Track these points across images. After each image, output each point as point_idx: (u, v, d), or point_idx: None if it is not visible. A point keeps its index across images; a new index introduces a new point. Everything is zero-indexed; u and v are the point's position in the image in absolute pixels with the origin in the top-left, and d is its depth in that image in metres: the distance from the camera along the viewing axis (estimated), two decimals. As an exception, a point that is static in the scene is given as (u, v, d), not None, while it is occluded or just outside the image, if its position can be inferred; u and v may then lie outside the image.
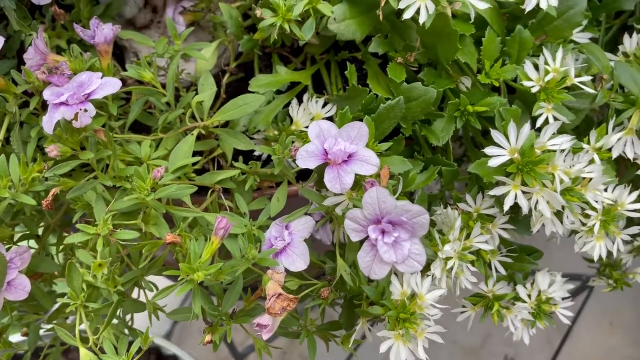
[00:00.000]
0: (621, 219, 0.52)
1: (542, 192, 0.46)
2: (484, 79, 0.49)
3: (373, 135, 0.47)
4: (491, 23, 0.49)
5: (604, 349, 1.62)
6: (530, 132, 0.45)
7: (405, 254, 0.37)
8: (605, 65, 0.52)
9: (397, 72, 0.48)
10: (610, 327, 1.63)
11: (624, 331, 1.60)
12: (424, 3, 0.42)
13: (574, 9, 0.49)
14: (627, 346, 1.58)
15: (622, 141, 0.51)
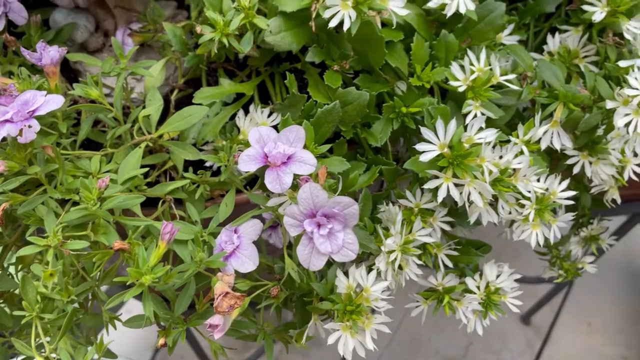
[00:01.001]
0: (554, 207, 0.55)
1: (473, 183, 0.49)
2: (416, 82, 0.53)
3: (312, 138, 0.49)
4: (418, 29, 0.52)
5: (584, 349, 1.65)
6: (457, 127, 0.48)
7: (340, 243, 0.40)
8: (528, 64, 0.55)
9: (333, 79, 0.51)
10: (589, 327, 1.66)
11: (602, 330, 1.63)
12: (346, 11, 0.45)
13: (493, 13, 0.53)
14: (606, 345, 1.61)
15: (549, 133, 0.54)
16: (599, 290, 1.69)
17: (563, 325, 1.68)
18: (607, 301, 1.65)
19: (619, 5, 0.53)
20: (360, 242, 0.51)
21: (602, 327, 1.62)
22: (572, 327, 1.68)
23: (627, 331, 1.60)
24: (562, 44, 0.59)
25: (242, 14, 0.49)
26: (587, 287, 1.69)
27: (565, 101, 0.53)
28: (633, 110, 0.48)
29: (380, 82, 0.54)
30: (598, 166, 0.57)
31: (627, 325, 1.63)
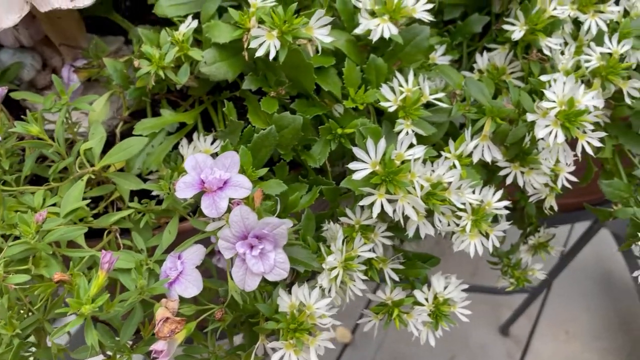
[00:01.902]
0: (490, 216, 0.58)
1: (406, 198, 0.51)
2: (349, 104, 0.55)
3: (250, 162, 0.51)
4: (348, 54, 0.55)
5: (563, 357, 1.67)
6: (386, 145, 0.50)
7: (272, 263, 0.41)
8: (457, 82, 0.58)
9: (270, 105, 0.53)
10: (567, 335, 1.68)
11: (580, 338, 1.66)
12: (271, 41, 0.47)
13: (419, 36, 0.56)
14: (585, 352, 1.63)
15: (479, 147, 0.57)
16: (573, 297, 1.72)
17: (541, 335, 1.70)
18: (583, 308, 1.68)
19: (537, 23, 0.57)
20: (303, 260, 0.53)
21: (580, 334, 1.64)
22: (550, 336, 1.70)
23: (604, 337, 1.62)
24: (490, 61, 0.63)
25: (176, 47, 0.51)
26: (562, 295, 1.72)
27: (493, 116, 0.56)
28: (552, 121, 0.51)
29: (317, 105, 0.56)
30: (530, 176, 0.59)
31: (603, 330, 1.66)
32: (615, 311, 1.68)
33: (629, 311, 1.67)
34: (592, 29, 0.58)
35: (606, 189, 0.62)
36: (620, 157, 0.65)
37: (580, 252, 1.30)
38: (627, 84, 0.56)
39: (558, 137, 0.51)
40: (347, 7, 0.55)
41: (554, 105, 0.50)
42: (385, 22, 0.53)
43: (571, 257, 1.35)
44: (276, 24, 0.47)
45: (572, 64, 0.56)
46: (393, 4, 0.53)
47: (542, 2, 0.57)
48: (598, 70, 0.56)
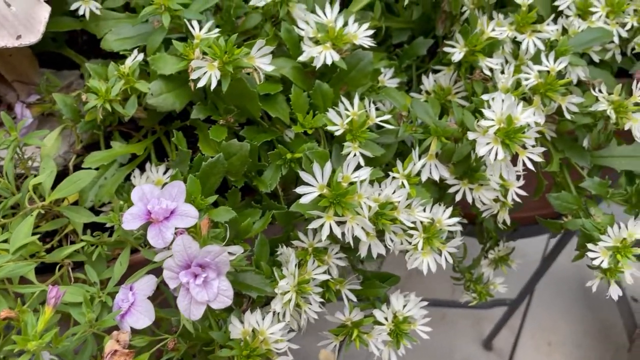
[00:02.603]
0: (442, 233, 0.59)
1: (355, 219, 0.52)
2: (298, 129, 0.56)
3: (199, 190, 0.52)
4: (295, 81, 0.56)
5: (549, 369, 1.66)
6: (335, 168, 0.51)
7: (215, 291, 0.42)
8: (402, 104, 0.60)
9: (218, 133, 0.54)
10: (549, 346, 1.69)
11: (562, 348, 1.67)
12: (212, 72, 0.48)
13: (363, 61, 0.57)
14: (568, 363, 1.64)
15: (427, 166, 0.58)
16: (554, 307, 1.73)
17: (524, 347, 1.70)
18: (564, 318, 1.69)
19: (476, 45, 0.58)
20: (256, 286, 0.53)
21: (562, 345, 1.65)
22: (533, 348, 1.71)
23: (585, 345, 1.63)
24: (436, 82, 0.64)
25: (123, 80, 0.52)
26: (543, 306, 1.73)
27: (438, 135, 0.57)
28: (492, 139, 0.53)
29: (266, 131, 0.57)
30: (480, 192, 0.60)
31: (584, 339, 1.67)
32: (595, 320, 1.69)
33: (608, 319, 1.69)
34: (530, 48, 0.60)
35: (554, 201, 0.63)
36: (569, 170, 0.67)
37: (559, 263, 1.32)
38: (566, 99, 0.58)
39: (498, 154, 0.52)
40: (291, 35, 0.56)
41: (492, 124, 0.52)
42: (327, 49, 0.54)
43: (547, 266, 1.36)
44: (217, 54, 0.48)
45: (512, 83, 0.58)
46: (335, 32, 0.55)
47: (481, 24, 0.59)
48: (537, 88, 0.58)
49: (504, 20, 0.61)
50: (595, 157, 0.65)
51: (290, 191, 0.63)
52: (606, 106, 0.58)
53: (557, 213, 0.84)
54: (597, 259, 0.58)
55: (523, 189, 0.69)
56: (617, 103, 0.58)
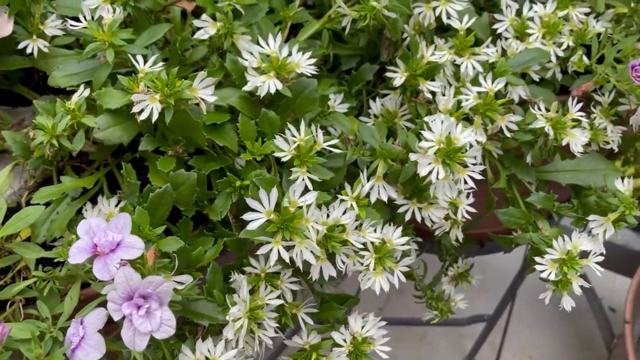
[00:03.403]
0: (393, 253, 0.60)
1: (303, 243, 0.53)
2: (247, 156, 0.57)
3: (147, 222, 0.52)
4: (242, 110, 0.58)
5: (531, 384, 1.67)
6: (278, 194, 0.52)
7: (158, 321, 0.42)
8: (349, 129, 0.61)
9: (166, 164, 0.55)
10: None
11: (544, 363, 1.67)
12: (154, 104, 0.49)
13: (308, 89, 0.59)
14: (551, 378, 1.64)
15: (375, 188, 0.60)
16: (534, 322, 1.74)
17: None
18: (544, 332, 1.70)
19: (416, 69, 0.61)
20: (208, 314, 0.53)
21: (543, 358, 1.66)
22: (514, 363, 1.71)
23: (566, 358, 1.64)
24: (384, 106, 0.66)
25: (69, 115, 0.53)
26: (523, 321, 1.75)
27: (384, 157, 0.59)
28: (433, 159, 0.54)
29: (216, 160, 0.58)
30: (429, 211, 0.62)
31: (564, 352, 1.68)
32: (574, 332, 1.71)
33: (587, 331, 1.71)
34: (469, 70, 0.62)
35: (503, 217, 0.65)
36: (518, 186, 0.69)
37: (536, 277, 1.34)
38: (505, 118, 0.60)
39: (439, 173, 0.54)
40: (237, 66, 0.58)
41: (432, 144, 0.54)
42: (271, 79, 0.56)
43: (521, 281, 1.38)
44: (159, 88, 0.49)
45: (453, 104, 0.60)
46: (278, 61, 0.57)
47: (421, 49, 0.62)
48: (477, 108, 0.60)
49: (444, 45, 0.64)
50: (541, 172, 0.67)
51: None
52: (544, 123, 0.60)
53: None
54: (544, 272, 0.60)
55: (478, 205, 0.71)
56: (555, 120, 0.61)
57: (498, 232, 0.70)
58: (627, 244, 1.57)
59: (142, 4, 0.57)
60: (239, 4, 0.59)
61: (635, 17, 0.69)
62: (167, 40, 0.63)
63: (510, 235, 0.67)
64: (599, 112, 0.66)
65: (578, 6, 0.68)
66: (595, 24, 0.68)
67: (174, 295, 0.48)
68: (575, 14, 0.67)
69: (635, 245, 1.57)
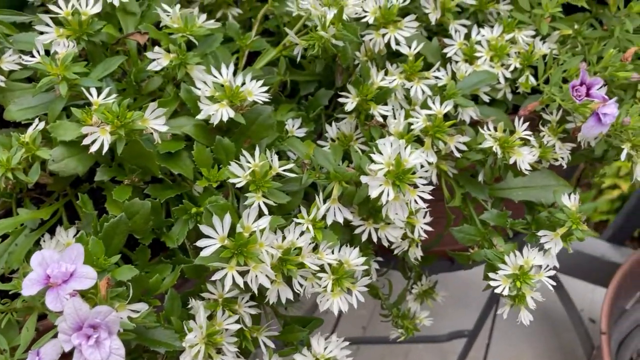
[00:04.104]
0: (351, 274, 0.61)
1: (258, 267, 0.54)
2: (203, 183, 0.58)
3: (102, 251, 0.53)
4: (197, 138, 0.59)
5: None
6: (231, 220, 0.53)
7: (107, 351, 0.42)
8: (305, 153, 0.63)
9: (122, 193, 0.56)
10: (514, 378, 1.70)
11: (528, 376, 1.68)
12: (105, 136, 0.51)
13: (262, 115, 0.60)
14: (535, 391, 1.65)
15: (331, 210, 0.61)
16: (516, 336, 1.75)
17: (490, 377, 1.71)
18: (527, 345, 1.71)
19: (367, 94, 0.63)
20: (164, 341, 0.54)
21: (527, 373, 1.66)
22: (498, 380, 1.71)
23: (549, 372, 1.65)
24: (340, 130, 0.68)
25: (24, 148, 0.54)
26: (506, 335, 1.76)
27: (338, 180, 0.60)
28: (383, 181, 0.56)
29: (173, 187, 0.59)
30: (385, 231, 0.63)
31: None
32: (557, 345, 1.72)
33: (569, 344, 1.72)
34: (418, 94, 0.64)
35: (458, 235, 0.66)
36: (474, 204, 0.71)
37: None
38: (454, 139, 0.62)
39: (390, 194, 0.55)
40: (191, 95, 0.59)
41: (381, 167, 0.55)
42: (224, 107, 0.57)
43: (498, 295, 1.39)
44: (109, 119, 0.50)
45: (404, 127, 0.62)
46: (231, 90, 0.58)
47: (372, 75, 0.64)
48: (426, 130, 0.62)
49: (394, 70, 0.66)
50: (494, 189, 0.69)
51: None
52: (492, 143, 0.62)
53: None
54: (498, 287, 0.61)
55: (440, 223, 0.73)
56: (503, 140, 0.63)
57: (459, 249, 0.72)
58: (603, 255, 1.60)
59: (96, 38, 0.59)
60: (192, 36, 0.60)
61: (580, 37, 0.72)
62: (124, 72, 0.64)
63: (467, 252, 0.68)
64: (547, 130, 0.68)
65: (524, 29, 0.71)
66: (541, 46, 0.71)
67: (128, 324, 0.49)
68: (521, 37, 0.70)
69: (612, 256, 1.60)
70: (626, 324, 1.48)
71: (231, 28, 0.69)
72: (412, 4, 0.72)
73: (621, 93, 0.74)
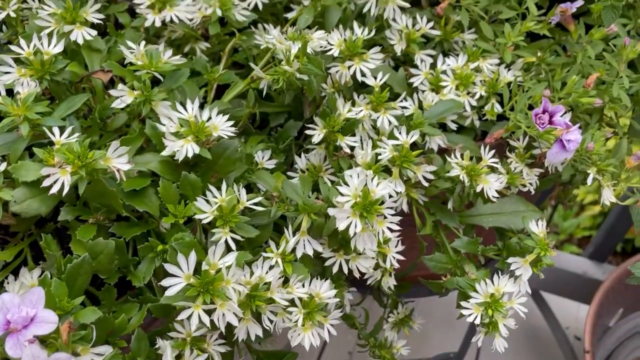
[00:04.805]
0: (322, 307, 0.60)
1: (225, 305, 0.53)
2: (169, 220, 0.58)
3: (65, 293, 0.52)
4: (163, 174, 0.58)
5: None
6: (196, 258, 0.52)
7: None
8: (273, 186, 0.63)
9: (86, 232, 0.55)
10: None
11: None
12: (65, 177, 0.50)
13: (229, 149, 0.60)
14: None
15: (301, 242, 0.61)
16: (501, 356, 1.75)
17: (479, 399, 1.70)
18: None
19: (334, 126, 0.63)
20: (131, 383, 0.52)
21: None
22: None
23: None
24: (309, 161, 0.68)
25: (-16, 190, 0.53)
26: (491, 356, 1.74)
27: (306, 212, 0.60)
28: (351, 213, 0.56)
29: (140, 225, 0.59)
30: (356, 262, 0.63)
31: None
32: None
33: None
34: (385, 125, 0.64)
35: (429, 263, 0.66)
36: (445, 231, 0.71)
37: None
38: (421, 169, 0.63)
39: (357, 226, 0.55)
40: (156, 131, 0.59)
41: (348, 199, 0.55)
42: (189, 143, 0.57)
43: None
44: (70, 160, 0.50)
45: (371, 157, 0.62)
46: (197, 125, 0.58)
47: (339, 106, 0.64)
48: (393, 160, 0.62)
49: (361, 101, 0.66)
50: (465, 216, 0.69)
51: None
52: (459, 171, 0.63)
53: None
54: (471, 316, 0.61)
55: (414, 250, 0.72)
56: (469, 168, 0.63)
57: (432, 277, 0.72)
58: (585, 272, 1.61)
59: (59, 77, 0.59)
60: (157, 72, 0.60)
61: (543, 64, 0.74)
62: (91, 109, 0.63)
63: (440, 280, 0.68)
64: (514, 157, 0.69)
65: (489, 58, 0.72)
66: (506, 74, 0.72)
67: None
68: (486, 65, 0.71)
69: (594, 273, 1.60)
70: (610, 341, 1.48)
71: (198, 62, 0.69)
72: (379, 35, 0.74)
73: (587, 118, 0.75)
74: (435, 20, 0.74)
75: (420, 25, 0.72)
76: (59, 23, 0.61)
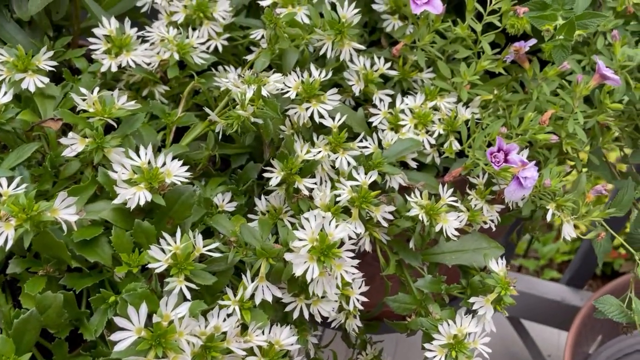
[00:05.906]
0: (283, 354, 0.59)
1: (178, 358, 0.51)
2: (122, 269, 0.56)
3: (12, 350, 0.50)
4: (116, 222, 0.57)
5: None
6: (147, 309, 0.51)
7: None
8: (231, 231, 0.62)
9: (34, 285, 0.53)
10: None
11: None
12: (9, 231, 0.49)
13: (184, 195, 0.59)
14: None
15: (259, 288, 0.59)
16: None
17: None
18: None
19: (292, 168, 0.63)
20: None
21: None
22: None
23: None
24: (270, 203, 0.67)
25: None
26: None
27: (264, 257, 0.59)
28: (308, 257, 0.55)
29: (92, 275, 0.57)
30: (318, 306, 0.62)
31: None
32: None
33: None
34: (344, 165, 0.64)
35: (392, 304, 0.65)
36: (410, 270, 0.70)
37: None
38: (380, 209, 0.62)
39: (314, 271, 0.54)
40: (109, 178, 0.58)
41: (304, 243, 0.54)
42: (141, 190, 0.56)
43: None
44: (14, 212, 0.49)
45: (330, 199, 0.62)
46: (150, 172, 0.57)
47: (296, 148, 0.64)
48: (352, 201, 0.62)
49: (320, 141, 0.66)
50: (428, 254, 0.69)
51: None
52: (418, 210, 0.63)
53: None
54: (435, 358, 0.60)
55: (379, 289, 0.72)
56: (428, 207, 0.63)
57: (397, 317, 0.71)
58: (563, 299, 1.61)
59: (8, 126, 0.58)
60: (110, 118, 0.60)
61: (500, 101, 0.75)
62: (44, 157, 0.62)
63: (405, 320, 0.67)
64: (474, 194, 0.69)
65: (446, 96, 0.73)
66: (464, 112, 0.72)
67: None
68: (444, 104, 0.72)
69: (571, 299, 1.61)
70: (590, 368, 1.48)
71: (156, 106, 0.68)
72: (338, 75, 0.74)
73: (546, 152, 0.76)
74: (394, 60, 0.75)
75: (378, 65, 0.72)
76: (10, 71, 0.61)
